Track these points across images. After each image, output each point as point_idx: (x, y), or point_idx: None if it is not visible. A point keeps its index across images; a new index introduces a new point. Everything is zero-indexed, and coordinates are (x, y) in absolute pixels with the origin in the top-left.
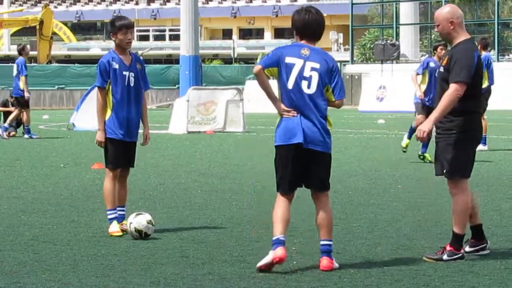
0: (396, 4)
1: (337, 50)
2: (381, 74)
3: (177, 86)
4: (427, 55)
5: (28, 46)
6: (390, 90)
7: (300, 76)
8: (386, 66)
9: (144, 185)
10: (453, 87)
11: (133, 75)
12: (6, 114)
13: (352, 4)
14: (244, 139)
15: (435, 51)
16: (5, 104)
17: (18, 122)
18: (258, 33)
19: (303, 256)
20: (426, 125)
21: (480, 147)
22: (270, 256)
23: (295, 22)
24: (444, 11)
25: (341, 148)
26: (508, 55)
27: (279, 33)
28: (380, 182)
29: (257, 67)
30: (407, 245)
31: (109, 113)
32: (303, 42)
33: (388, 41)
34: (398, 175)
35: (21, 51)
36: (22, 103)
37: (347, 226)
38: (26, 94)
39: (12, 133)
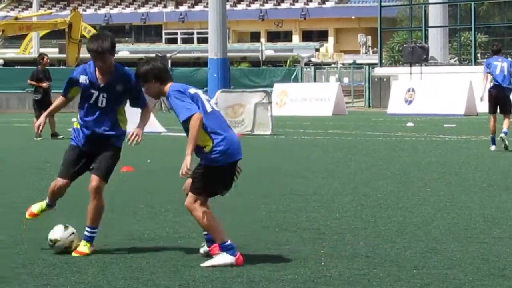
0: (425, 6)
1: (366, 53)
2: (409, 77)
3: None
4: (456, 58)
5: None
6: (418, 92)
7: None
8: (414, 69)
9: (173, 188)
10: None
11: (104, 95)
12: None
13: (381, 6)
14: (272, 141)
15: None
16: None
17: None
18: (286, 36)
19: (331, 259)
20: None
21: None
22: (231, 258)
23: None
24: None
25: (370, 151)
26: None
27: (307, 35)
28: (409, 185)
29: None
30: (437, 248)
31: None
32: None
33: (417, 44)
34: (427, 179)
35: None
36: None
37: (376, 229)
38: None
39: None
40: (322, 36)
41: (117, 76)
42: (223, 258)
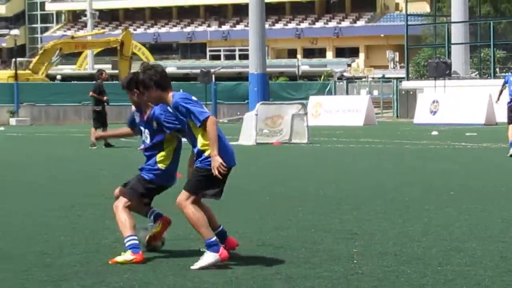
0: (448, 25)
1: (393, 68)
2: (434, 90)
3: (246, 101)
4: (476, 72)
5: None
6: (442, 104)
7: None
8: (438, 82)
9: None
10: None
11: (148, 132)
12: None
13: (407, 25)
14: (308, 149)
15: None
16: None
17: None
18: (321, 52)
19: (363, 257)
20: None
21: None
22: (215, 256)
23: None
24: None
25: (398, 158)
26: None
27: (339, 52)
28: (433, 190)
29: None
30: (459, 247)
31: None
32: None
33: (441, 59)
34: (450, 184)
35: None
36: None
37: (404, 230)
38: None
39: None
40: (353, 52)
41: (153, 112)
42: (208, 258)
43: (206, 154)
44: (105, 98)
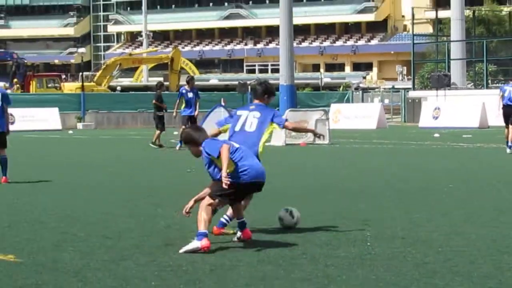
0: (448, 43)
1: (402, 80)
2: (436, 98)
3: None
4: (472, 83)
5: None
6: (443, 110)
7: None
8: (440, 92)
9: None
10: None
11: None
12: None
13: (414, 44)
14: (329, 149)
15: None
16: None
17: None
18: (340, 67)
19: (375, 240)
20: None
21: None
22: (198, 243)
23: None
24: None
25: (405, 156)
26: None
27: (356, 66)
28: (436, 182)
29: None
30: (457, 231)
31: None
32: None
33: (442, 73)
34: (450, 179)
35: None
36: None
37: (410, 217)
38: (174, 114)
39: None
40: (368, 67)
41: None
42: (193, 244)
43: None
44: (165, 105)
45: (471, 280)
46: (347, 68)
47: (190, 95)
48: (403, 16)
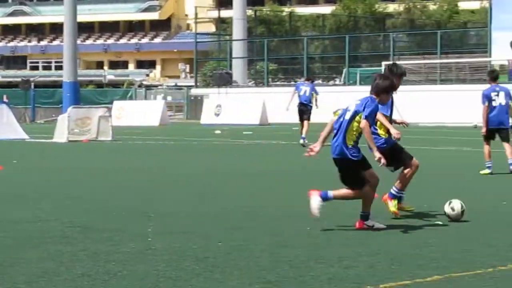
0: (230, 42)
1: (185, 77)
2: (218, 96)
3: (60, 105)
4: (253, 81)
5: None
6: (224, 107)
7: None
8: (222, 90)
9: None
10: None
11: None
12: None
13: (196, 42)
14: (112, 146)
15: None
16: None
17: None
18: (124, 64)
19: (156, 235)
20: None
21: None
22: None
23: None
24: None
25: (186, 153)
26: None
27: (139, 64)
28: (215, 180)
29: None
30: (237, 226)
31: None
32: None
33: (224, 71)
34: (226, 172)
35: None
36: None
37: (192, 211)
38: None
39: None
40: (151, 64)
41: None
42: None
43: None
44: None
45: (249, 273)
46: (131, 66)
47: None
48: (186, 15)
